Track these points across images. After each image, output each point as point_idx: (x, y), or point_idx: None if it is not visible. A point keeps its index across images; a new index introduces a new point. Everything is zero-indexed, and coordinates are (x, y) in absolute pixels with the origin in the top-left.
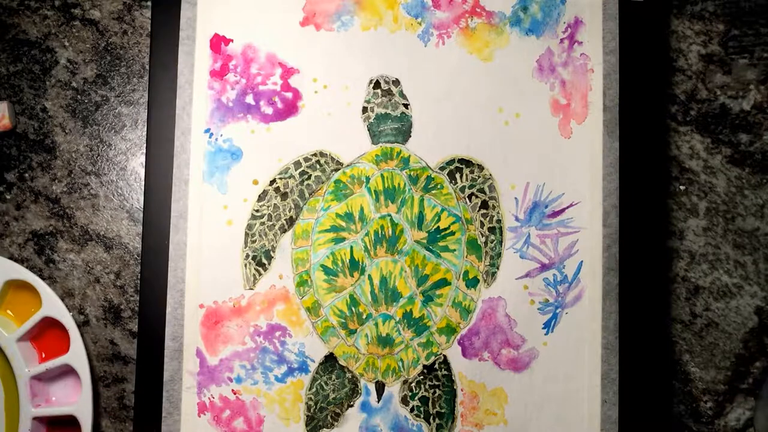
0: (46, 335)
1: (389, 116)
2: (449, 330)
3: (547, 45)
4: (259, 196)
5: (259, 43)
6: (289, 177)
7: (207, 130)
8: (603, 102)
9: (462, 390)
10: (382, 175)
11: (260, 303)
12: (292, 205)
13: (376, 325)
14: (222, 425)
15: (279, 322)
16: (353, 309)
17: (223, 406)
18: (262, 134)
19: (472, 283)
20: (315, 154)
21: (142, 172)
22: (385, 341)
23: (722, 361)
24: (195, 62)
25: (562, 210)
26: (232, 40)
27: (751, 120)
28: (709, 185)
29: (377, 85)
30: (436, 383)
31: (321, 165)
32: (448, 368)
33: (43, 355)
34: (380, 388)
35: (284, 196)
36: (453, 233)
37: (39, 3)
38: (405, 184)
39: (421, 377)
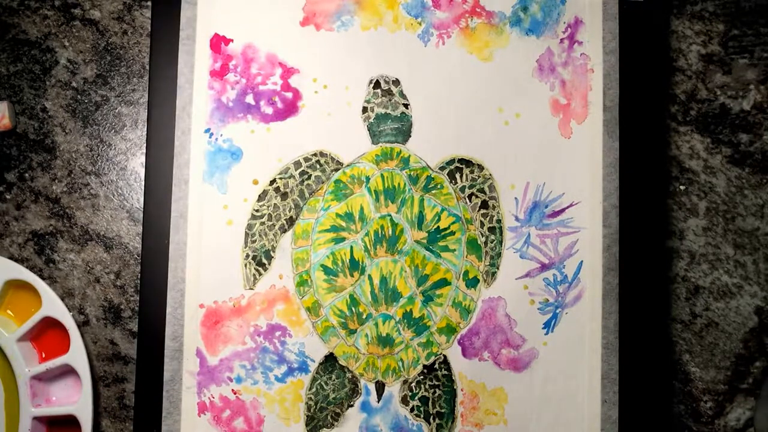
0: (46, 335)
1: (389, 116)
2: (449, 330)
3: (547, 45)
4: (259, 196)
5: (259, 43)
6: (289, 177)
7: (207, 130)
8: (603, 102)
9: (462, 390)
10: (382, 175)
11: (260, 303)
12: (292, 205)
13: (376, 325)
14: (222, 425)
15: (279, 322)
16: (353, 309)
17: (223, 406)
18: (262, 134)
19: (472, 283)
20: (315, 154)
21: (142, 172)
22: (385, 341)
23: (722, 361)
24: (195, 62)
25: (562, 210)
26: (232, 40)
27: (751, 120)
28: (709, 185)
29: (377, 85)
30: (436, 383)
31: (321, 165)
32: (448, 368)
33: (43, 355)
34: (380, 388)
35: (284, 196)
36: (453, 233)
37: (39, 3)
38: (405, 184)
39: (421, 377)
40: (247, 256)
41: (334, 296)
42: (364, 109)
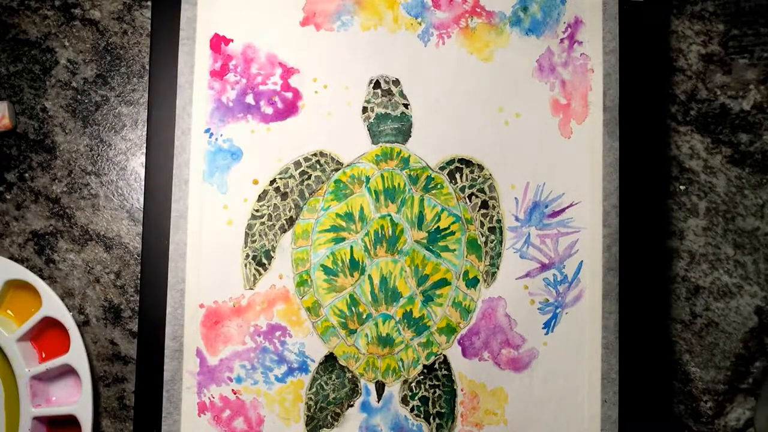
0: (46, 335)
1: (389, 116)
2: (449, 330)
3: (547, 45)
4: (259, 196)
5: (259, 43)
6: (289, 177)
7: (207, 130)
8: (603, 102)
9: (462, 390)
10: (382, 175)
11: (260, 303)
12: (292, 205)
13: (376, 325)
14: (222, 425)
15: (279, 322)
16: (353, 309)
17: (223, 406)
18: (262, 134)
19: (472, 283)
20: (315, 154)
21: (142, 172)
22: (385, 341)
23: (722, 361)
24: (195, 62)
25: (562, 210)
26: (232, 40)
27: (751, 120)
28: (709, 185)
29: (377, 85)
30: (436, 383)
31: (321, 165)
32: (448, 368)
33: (43, 355)
34: (380, 388)
35: (284, 196)
36: (453, 233)
37: (39, 3)
38: (405, 184)
39: (421, 377)
40: (247, 256)
41: (334, 296)
42: (364, 109)
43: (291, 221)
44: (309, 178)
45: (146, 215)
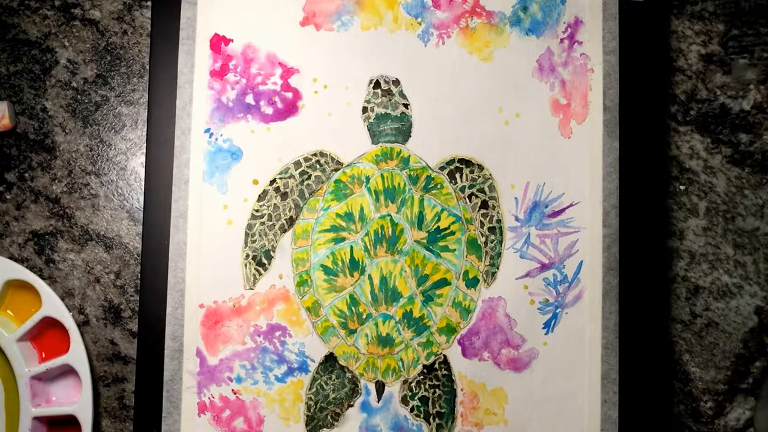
0: (46, 335)
1: (389, 116)
2: (449, 330)
3: (547, 45)
4: (259, 196)
5: (259, 43)
6: (289, 177)
7: (207, 130)
8: (603, 102)
9: (462, 390)
10: (382, 175)
11: (260, 303)
12: (292, 205)
13: (376, 324)
14: (222, 425)
15: (279, 322)
16: (353, 309)
17: (223, 405)
18: (262, 134)
19: (472, 283)
20: (315, 154)
21: (142, 172)
22: (385, 341)
23: (722, 361)
24: (195, 62)
25: (562, 210)
26: (232, 40)
27: (751, 120)
28: (709, 185)
29: (377, 85)
30: (436, 383)
31: (321, 165)
32: (448, 368)
33: (43, 355)
34: (380, 387)
35: (284, 196)
36: (453, 233)
37: (39, 3)
38: (405, 184)
39: (421, 377)
40: (247, 256)
41: (334, 296)
42: (364, 109)
43: (291, 221)
44: (309, 178)
45: (146, 215)
